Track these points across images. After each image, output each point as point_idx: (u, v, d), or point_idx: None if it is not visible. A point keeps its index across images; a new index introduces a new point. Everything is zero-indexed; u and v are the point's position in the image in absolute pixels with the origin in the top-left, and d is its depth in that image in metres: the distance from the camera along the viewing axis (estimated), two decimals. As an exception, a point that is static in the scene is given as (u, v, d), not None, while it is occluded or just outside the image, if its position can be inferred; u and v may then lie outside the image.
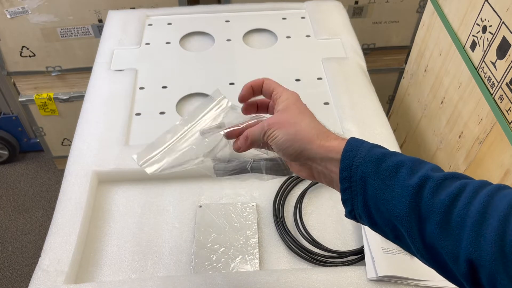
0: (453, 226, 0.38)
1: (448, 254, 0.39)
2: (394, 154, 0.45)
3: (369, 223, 0.46)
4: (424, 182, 0.41)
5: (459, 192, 0.39)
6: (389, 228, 0.44)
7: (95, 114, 0.94)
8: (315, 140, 0.47)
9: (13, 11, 1.42)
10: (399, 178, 0.42)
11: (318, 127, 0.49)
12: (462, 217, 0.38)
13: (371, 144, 0.46)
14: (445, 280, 0.68)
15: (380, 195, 0.43)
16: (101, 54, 1.09)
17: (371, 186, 0.43)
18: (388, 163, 0.43)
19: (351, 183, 0.45)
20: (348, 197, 0.46)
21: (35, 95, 1.64)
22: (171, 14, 1.23)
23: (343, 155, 0.45)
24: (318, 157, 0.47)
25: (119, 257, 0.73)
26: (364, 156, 0.44)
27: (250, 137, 0.52)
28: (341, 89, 0.99)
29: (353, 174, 0.45)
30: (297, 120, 0.49)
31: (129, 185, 0.83)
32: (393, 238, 0.45)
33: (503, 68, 0.77)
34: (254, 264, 0.72)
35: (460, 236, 0.37)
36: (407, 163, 0.43)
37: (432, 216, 0.39)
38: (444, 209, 0.39)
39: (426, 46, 1.10)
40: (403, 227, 0.42)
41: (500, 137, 0.78)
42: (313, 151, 0.47)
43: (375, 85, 1.03)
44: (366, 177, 0.44)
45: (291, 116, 0.49)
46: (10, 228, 1.78)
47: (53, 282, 0.67)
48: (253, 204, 0.80)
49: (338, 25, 1.18)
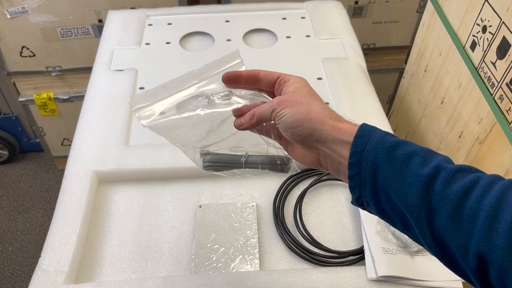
0: (465, 219, 0.37)
1: (457, 248, 0.38)
2: (407, 143, 0.44)
3: (377, 211, 0.45)
4: (437, 173, 0.40)
5: (472, 185, 0.38)
6: (398, 217, 0.43)
7: (95, 114, 0.94)
8: (327, 120, 0.46)
9: (13, 11, 1.42)
10: (411, 167, 0.41)
11: (329, 110, 0.48)
12: (474, 211, 0.37)
13: (384, 131, 0.45)
14: (445, 280, 0.69)
15: (390, 183, 0.42)
16: (101, 54, 1.09)
17: (382, 173, 0.43)
18: (401, 151, 0.43)
19: (360, 169, 0.44)
20: (356, 183, 0.45)
21: (35, 95, 1.64)
22: (171, 14, 1.23)
23: (355, 140, 0.44)
24: (330, 138, 0.46)
25: (119, 257, 0.73)
26: (376, 142, 0.43)
27: (257, 114, 0.49)
28: (341, 89, 0.99)
29: (364, 160, 0.43)
30: (309, 100, 0.47)
31: (129, 185, 0.83)
32: (402, 227, 0.44)
33: (503, 68, 0.77)
34: (254, 264, 0.71)
35: (472, 229, 0.37)
36: (419, 152, 0.42)
37: (443, 208, 0.39)
38: (456, 201, 0.38)
39: (426, 46, 1.10)
40: (412, 217, 0.41)
41: (500, 137, 0.78)
42: (325, 132, 0.46)
43: (375, 85, 1.03)
44: (377, 163, 0.43)
45: (302, 96, 0.48)
46: (10, 228, 1.78)
47: (53, 282, 0.67)
48: (253, 204, 0.80)
49: (338, 25, 1.18)
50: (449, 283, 0.67)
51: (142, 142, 0.88)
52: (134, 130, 0.91)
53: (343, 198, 0.82)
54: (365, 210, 0.47)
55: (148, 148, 0.86)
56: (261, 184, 0.83)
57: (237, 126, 0.51)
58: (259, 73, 0.51)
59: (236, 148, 0.56)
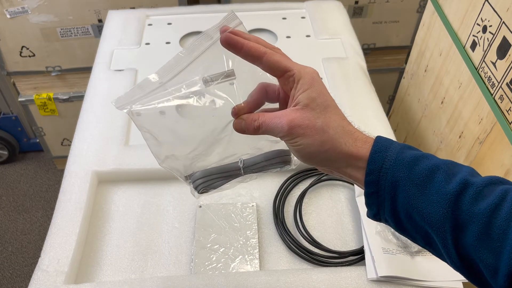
0: (494, 238, 0.36)
1: (486, 267, 0.37)
2: (427, 156, 0.42)
3: (397, 228, 0.43)
4: (464, 189, 0.38)
5: (500, 201, 0.37)
6: (421, 235, 0.41)
7: (95, 114, 0.93)
8: (343, 148, 0.43)
9: (13, 11, 1.42)
10: (434, 184, 0.39)
11: (344, 128, 0.43)
12: (504, 229, 0.36)
13: (401, 144, 0.43)
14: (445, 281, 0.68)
15: (412, 202, 0.40)
16: (101, 54, 1.09)
17: (403, 192, 0.40)
18: (422, 167, 0.40)
19: (378, 187, 0.42)
20: (374, 201, 0.43)
21: (35, 95, 1.64)
22: (171, 14, 1.23)
23: (371, 156, 0.42)
24: (344, 164, 0.43)
25: (119, 257, 0.73)
26: (395, 159, 0.41)
27: (265, 127, 0.45)
28: (341, 89, 0.99)
29: (382, 179, 0.41)
30: (323, 123, 0.43)
31: (129, 185, 0.83)
32: (424, 244, 0.42)
33: (503, 68, 0.77)
34: (254, 264, 0.71)
35: (501, 248, 0.36)
36: (442, 166, 0.40)
37: (471, 226, 0.37)
38: (485, 219, 0.37)
39: (426, 46, 1.10)
40: (437, 236, 0.39)
41: (501, 137, 0.78)
42: (339, 162, 0.43)
43: (375, 85, 1.03)
44: (397, 182, 0.40)
45: (316, 116, 0.43)
46: (10, 228, 1.78)
47: (53, 282, 0.67)
48: (253, 204, 0.80)
49: (338, 25, 1.18)
50: (449, 283, 0.67)
51: (142, 142, 0.87)
52: (134, 130, 0.91)
53: (343, 198, 0.82)
54: (381, 223, 0.46)
55: (148, 148, 0.85)
56: (261, 184, 0.83)
57: (236, 129, 0.47)
58: (262, 56, 0.44)
59: (224, 159, 0.49)
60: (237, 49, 0.45)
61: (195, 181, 0.48)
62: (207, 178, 0.48)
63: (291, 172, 0.84)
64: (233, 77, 0.47)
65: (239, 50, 0.45)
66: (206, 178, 0.48)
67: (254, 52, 0.44)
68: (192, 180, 0.48)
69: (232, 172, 0.49)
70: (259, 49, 0.44)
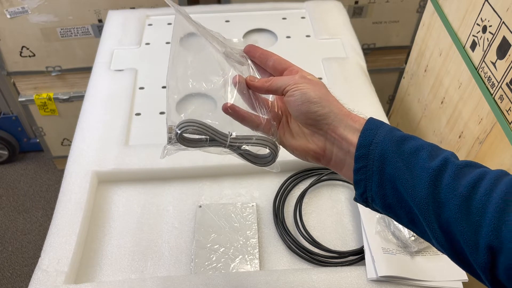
0: (474, 212, 0.38)
1: (466, 242, 0.38)
2: (414, 137, 0.45)
3: (382, 206, 0.45)
4: (445, 166, 0.41)
5: (479, 178, 0.39)
6: (404, 211, 0.43)
7: (95, 114, 0.94)
8: (342, 108, 0.48)
9: (13, 11, 1.42)
10: (419, 160, 0.42)
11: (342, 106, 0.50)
12: (483, 204, 0.37)
13: (391, 126, 0.46)
14: (445, 280, 0.68)
15: (399, 175, 0.42)
16: (101, 54, 1.09)
17: (390, 165, 0.43)
18: (409, 145, 0.43)
19: (367, 161, 0.44)
20: (362, 177, 0.45)
21: (35, 95, 1.64)
22: (171, 14, 1.23)
23: (363, 133, 0.45)
24: (343, 123, 0.47)
25: (119, 257, 0.73)
26: (384, 135, 0.44)
27: (274, 80, 0.50)
28: (341, 89, 0.99)
29: (372, 152, 0.44)
30: (327, 90, 0.50)
31: (129, 185, 0.83)
32: (407, 222, 0.44)
33: (503, 68, 0.77)
34: (254, 264, 0.71)
35: (481, 222, 0.37)
36: (426, 147, 0.43)
37: (452, 201, 0.39)
38: (465, 194, 0.38)
39: (426, 46, 1.10)
40: (420, 210, 0.41)
41: (500, 137, 0.78)
42: (339, 116, 0.47)
43: (375, 85, 1.03)
44: (386, 154, 0.43)
45: (321, 86, 0.50)
46: (10, 228, 1.78)
47: (53, 282, 0.67)
48: (253, 204, 0.80)
49: (338, 25, 1.18)
50: (449, 283, 0.67)
51: (142, 142, 0.88)
52: (134, 130, 0.91)
53: (343, 198, 0.82)
54: (368, 207, 0.47)
55: (148, 148, 0.86)
56: (261, 184, 0.83)
57: (249, 79, 0.51)
58: (272, 56, 0.53)
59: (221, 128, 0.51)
60: (255, 50, 0.55)
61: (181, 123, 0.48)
62: (193, 122, 0.48)
63: (291, 172, 0.84)
64: (247, 59, 0.53)
65: (256, 51, 0.55)
66: (192, 122, 0.48)
67: (266, 51, 0.55)
68: (179, 123, 0.48)
69: (218, 136, 0.49)
70: (270, 52, 0.54)
